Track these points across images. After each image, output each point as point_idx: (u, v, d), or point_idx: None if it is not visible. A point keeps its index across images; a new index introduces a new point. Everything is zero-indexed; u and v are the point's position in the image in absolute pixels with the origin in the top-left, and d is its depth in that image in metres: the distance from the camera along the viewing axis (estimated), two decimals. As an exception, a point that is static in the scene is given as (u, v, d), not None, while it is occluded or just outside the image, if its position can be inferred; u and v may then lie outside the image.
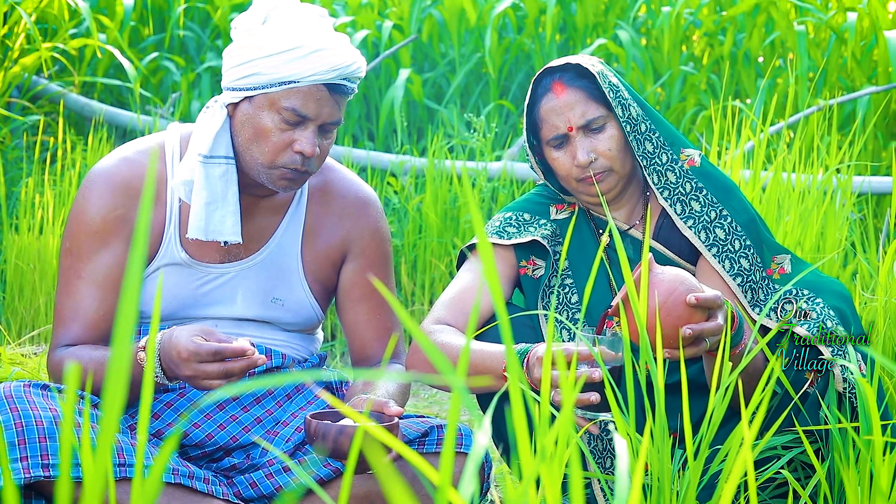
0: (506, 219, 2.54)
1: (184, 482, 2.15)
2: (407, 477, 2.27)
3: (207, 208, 2.30)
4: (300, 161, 2.28)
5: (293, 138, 2.27)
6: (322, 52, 2.25)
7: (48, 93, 5.74)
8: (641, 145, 2.42)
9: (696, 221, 2.43)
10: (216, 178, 2.30)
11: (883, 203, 4.86)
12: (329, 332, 4.63)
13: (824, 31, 6.11)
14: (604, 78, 2.40)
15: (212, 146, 2.30)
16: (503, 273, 2.51)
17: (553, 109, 2.41)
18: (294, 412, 2.41)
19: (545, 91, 2.43)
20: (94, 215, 2.34)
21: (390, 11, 6.70)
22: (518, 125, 6.43)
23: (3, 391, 2.13)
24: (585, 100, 2.40)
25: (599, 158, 2.40)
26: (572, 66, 2.42)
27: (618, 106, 2.39)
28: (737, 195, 2.47)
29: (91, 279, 2.33)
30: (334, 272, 2.52)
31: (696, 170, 2.47)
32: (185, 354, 2.06)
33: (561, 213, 2.55)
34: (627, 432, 1.88)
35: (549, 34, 6.22)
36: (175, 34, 6.53)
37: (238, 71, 2.28)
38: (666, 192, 2.44)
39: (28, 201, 4.41)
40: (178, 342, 2.07)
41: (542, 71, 2.46)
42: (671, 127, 2.51)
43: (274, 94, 2.26)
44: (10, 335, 4.10)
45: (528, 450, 1.17)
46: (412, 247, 4.79)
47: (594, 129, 2.40)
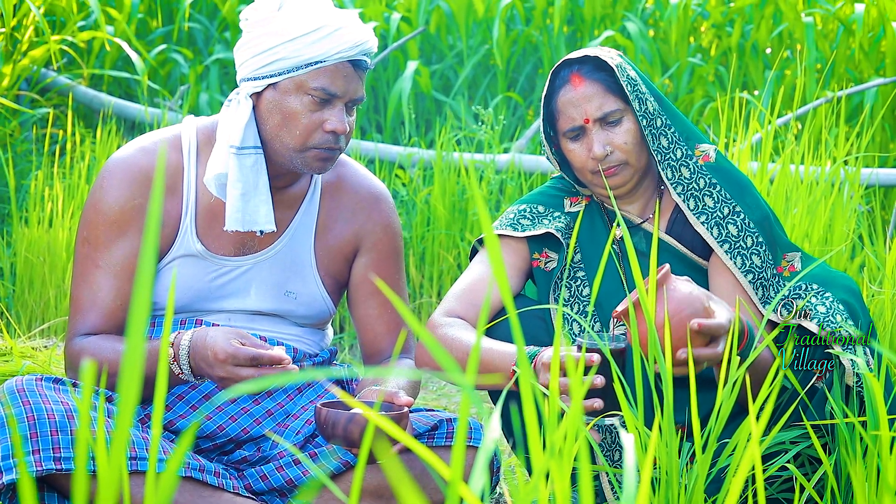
0: (520, 211, 2.55)
1: (195, 475, 2.17)
2: (416, 470, 2.28)
3: (243, 199, 2.32)
4: (333, 140, 2.31)
5: (323, 118, 2.30)
6: (343, 29, 2.29)
7: (57, 85, 5.76)
8: (657, 140, 2.43)
9: (709, 217, 2.43)
10: (248, 168, 2.32)
11: (891, 195, 4.86)
12: (338, 326, 4.65)
13: (832, 23, 6.10)
14: (622, 71, 2.40)
15: (243, 137, 2.32)
16: (515, 265, 2.52)
17: (570, 101, 2.41)
18: (304, 405, 2.43)
19: (563, 82, 2.43)
20: (113, 204, 2.35)
21: (398, 3, 6.70)
22: (526, 117, 6.43)
23: (16, 385, 2.14)
24: (603, 92, 2.40)
25: (615, 152, 2.40)
26: (591, 59, 2.42)
27: (635, 100, 2.39)
28: (751, 192, 2.47)
29: (108, 268, 2.35)
30: (346, 266, 2.53)
31: (711, 165, 2.47)
32: (223, 356, 2.08)
33: (575, 205, 2.56)
34: (636, 426, 1.89)
35: (556, 26, 6.22)
36: (183, 26, 6.54)
37: (259, 60, 2.30)
38: (679, 188, 2.45)
39: (38, 194, 4.42)
40: (216, 343, 2.10)
41: (560, 62, 2.46)
42: (687, 121, 2.51)
43: (301, 77, 2.29)
44: (20, 328, 4.12)
45: (539, 445, 1.19)
46: (420, 239, 4.80)
47: (611, 123, 2.41)
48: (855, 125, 5.23)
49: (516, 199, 4.86)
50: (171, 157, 2.40)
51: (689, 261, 2.48)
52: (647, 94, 2.42)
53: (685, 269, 2.47)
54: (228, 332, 2.13)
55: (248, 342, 2.12)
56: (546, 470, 1.22)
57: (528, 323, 2.44)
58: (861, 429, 2.05)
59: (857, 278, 3.42)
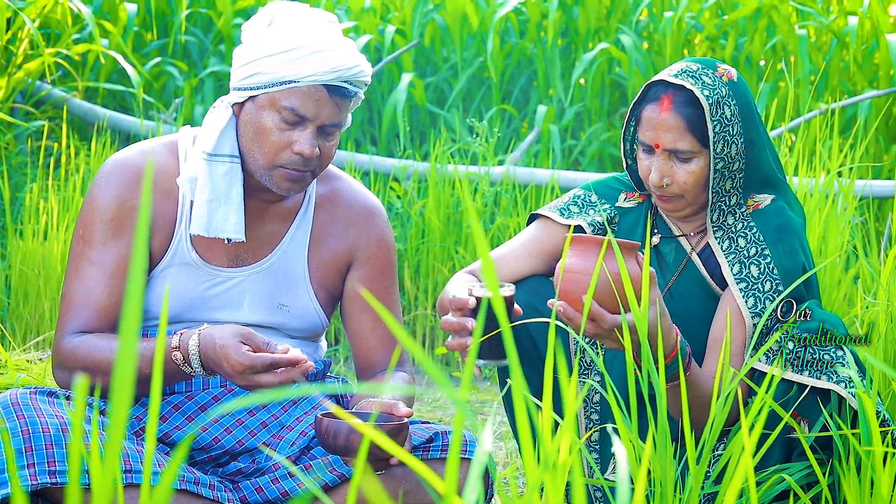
0: (575, 196, 2.60)
1: (190, 488, 2.16)
2: (412, 482, 2.28)
3: (209, 205, 2.32)
4: (300, 161, 2.30)
5: (292, 139, 2.30)
6: (322, 53, 2.28)
7: (51, 98, 5.76)
8: (723, 182, 2.41)
9: (736, 256, 2.43)
10: (219, 175, 2.32)
11: (885, 207, 4.87)
12: (332, 338, 4.65)
13: (825, 35, 6.12)
14: (718, 110, 2.35)
15: (216, 144, 2.32)
16: (547, 250, 2.57)
17: (651, 120, 2.39)
18: (299, 416, 2.43)
19: (654, 98, 2.40)
20: (110, 203, 2.35)
21: (392, 16, 6.71)
22: (520, 129, 6.44)
23: (10, 398, 2.14)
24: (683, 130, 2.36)
25: (673, 185, 2.40)
26: (688, 90, 2.37)
27: (719, 142, 2.35)
28: (790, 241, 2.43)
29: (103, 266, 2.33)
30: (340, 280, 2.53)
31: (757, 211, 2.46)
32: (240, 368, 2.08)
33: (629, 201, 2.58)
34: (630, 439, 1.90)
35: (551, 38, 6.23)
36: (178, 39, 6.55)
37: (243, 71, 2.31)
38: (719, 232, 2.46)
39: (32, 207, 4.42)
40: (228, 354, 2.10)
41: (661, 76, 2.42)
42: (764, 167, 2.46)
43: (275, 94, 2.29)
44: (15, 341, 4.12)
45: (532, 458, 1.19)
46: (415, 251, 4.80)
47: (680, 158, 2.39)
48: (848, 137, 5.24)
49: (511, 211, 4.87)
50: (168, 162, 2.40)
51: (706, 285, 2.49)
52: (735, 136, 2.37)
53: (700, 291, 2.49)
54: (235, 334, 2.12)
55: (254, 342, 2.12)
56: (540, 483, 1.23)
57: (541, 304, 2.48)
58: (855, 442, 2.05)
59: (851, 290, 3.43)
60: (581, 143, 6.20)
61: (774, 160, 2.50)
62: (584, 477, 2.39)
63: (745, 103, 2.40)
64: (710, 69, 2.39)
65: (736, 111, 2.38)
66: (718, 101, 2.35)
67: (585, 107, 6.30)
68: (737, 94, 2.39)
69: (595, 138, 6.16)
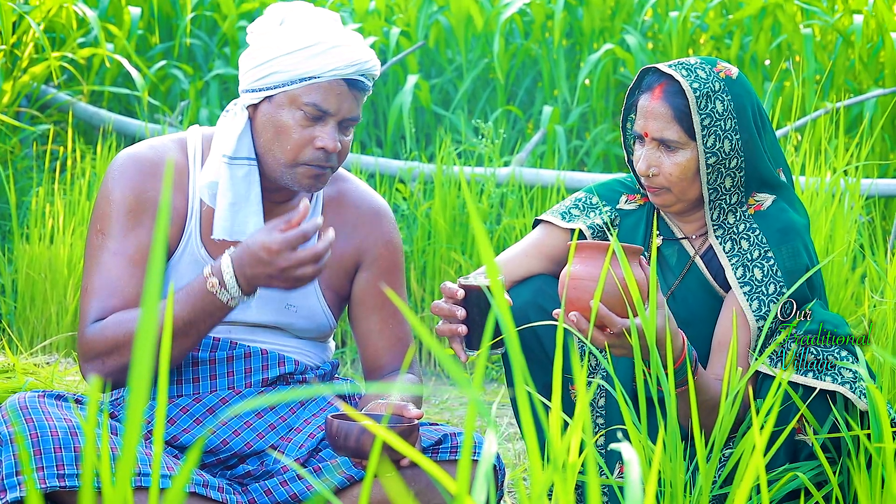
0: (577, 200, 2.60)
1: (198, 491, 2.16)
2: (422, 484, 2.28)
3: (232, 209, 2.33)
4: (323, 157, 2.31)
5: (314, 135, 2.31)
6: (340, 47, 2.29)
7: (57, 102, 5.77)
8: (721, 178, 2.40)
9: (740, 259, 2.42)
10: (239, 178, 2.33)
11: (891, 205, 4.86)
12: (339, 340, 4.65)
13: (831, 34, 6.11)
14: (706, 103, 2.35)
15: (235, 147, 2.33)
16: (549, 254, 2.58)
17: (642, 109, 2.41)
18: (307, 418, 2.43)
19: (648, 87, 2.42)
20: (128, 194, 2.34)
21: (397, 18, 6.71)
22: (526, 130, 6.44)
23: (19, 402, 2.14)
24: (670, 119, 2.37)
25: (659, 175, 2.40)
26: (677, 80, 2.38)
27: (709, 136, 2.35)
28: (793, 242, 2.42)
29: (124, 257, 2.31)
30: (347, 281, 2.53)
31: (759, 213, 2.45)
32: (277, 246, 2.11)
33: (630, 203, 2.58)
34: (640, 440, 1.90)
35: (556, 39, 6.23)
36: (183, 42, 6.55)
37: (257, 72, 2.31)
38: (720, 231, 2.45)
39: (38, 211, 4.43)
40: (263, 241, 2.13)
41: (655, 67, 2.43)
42: (768, 167, 2.45)
43: (294, 91, 2.29)
44: (22, 345, 4.12)
45: (539, 460, 1.19)
46: (421, 253, 4.80)
47: (668, 147, 2.39)
48: (854, 136, 5.24)
49: (517, 212, 4.87)
50: (178, 158, 2.41)
51: (710, 287, 2.48)
52: (730, 131, 2.37)
53: (703, 293, 2.48)
54: (266, 227, 2.15)
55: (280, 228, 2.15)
56: (549, 484, 1.22)
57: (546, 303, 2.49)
58: (866, 440, 2.05)
59: (858, 289, 3.43)
60: (587, 143, 6.20)
61: (776, 161, 2.48)
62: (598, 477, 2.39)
63: (742, 101, 2.39)
64: (710, 65, 2.40)
65: (730, 107, 2.37)
66: (708, 95, 2.35)
67: (591, 107, 6.30)
68: (733, 91, 2.38)
69: (600, 139, 6.16)
